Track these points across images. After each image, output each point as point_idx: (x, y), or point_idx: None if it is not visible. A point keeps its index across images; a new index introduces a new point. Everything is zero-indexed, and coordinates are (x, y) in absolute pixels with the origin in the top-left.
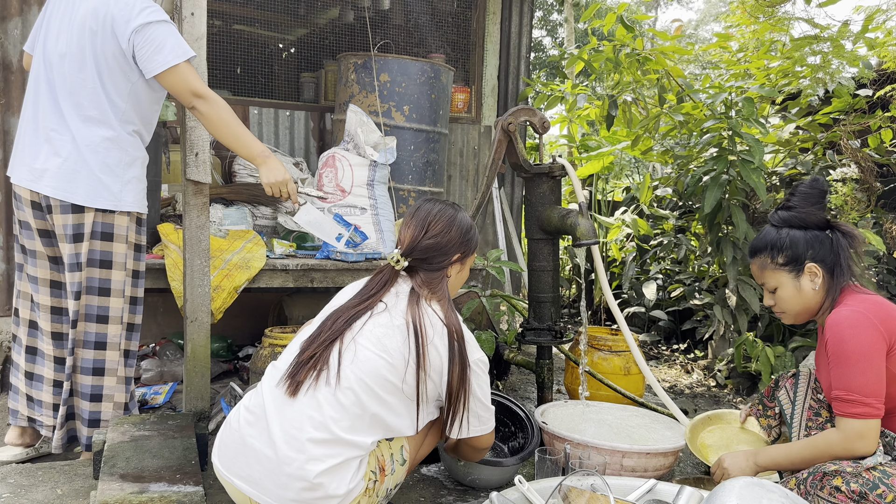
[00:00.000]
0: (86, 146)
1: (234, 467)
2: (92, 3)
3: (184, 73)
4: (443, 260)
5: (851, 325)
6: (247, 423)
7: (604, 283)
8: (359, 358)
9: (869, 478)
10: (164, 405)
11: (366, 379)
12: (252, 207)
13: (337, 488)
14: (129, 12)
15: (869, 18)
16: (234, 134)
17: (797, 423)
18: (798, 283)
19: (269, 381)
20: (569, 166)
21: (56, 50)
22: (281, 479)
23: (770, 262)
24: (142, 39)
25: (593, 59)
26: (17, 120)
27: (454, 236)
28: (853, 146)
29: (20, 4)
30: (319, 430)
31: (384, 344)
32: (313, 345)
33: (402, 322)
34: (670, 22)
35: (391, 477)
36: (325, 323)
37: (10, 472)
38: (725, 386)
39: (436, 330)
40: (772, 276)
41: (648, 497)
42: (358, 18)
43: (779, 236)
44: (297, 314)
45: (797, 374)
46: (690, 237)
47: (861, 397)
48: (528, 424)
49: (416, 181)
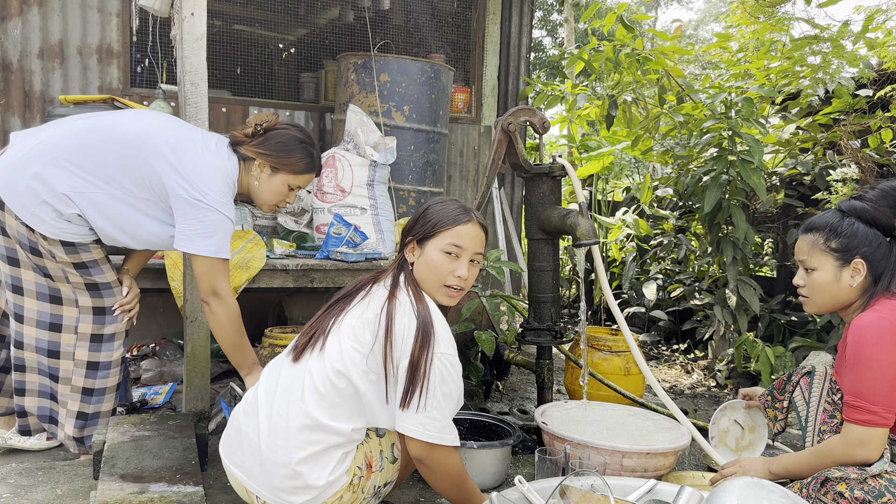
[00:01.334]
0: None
1: (233, 455)
2: (156, 139)
3: (216, 268)
4: (403, 241)
5: (875, 331)
6: (244, 413)
7: (604, 283)
8: (333, 348)
9: (874, 485)
10: (164, 405)
11: (337, 365)
12: (252, 207)
13: (317, 479)
14: (200, 185)
15: (869, 19)
16: (235, 342)
17: (812, 425)
18: (839, 273)
19: (265, 375)
20: (569, 166)
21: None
22: (267, 466)
23: (822, 242)
24: (195, 212)
25: (593, 59)
26: (17, 120)
27: (412, 218)
28: (853, 146)
29: (20, 4)
30: (301, 415)
31: (356, 332)
32: (307, 331)
33: (377, 309)
34: (670, 22)
35: (379, 474)
36: (319, 313)
37: (10, 472)
38: (725, 386)
39: (406, 311)
40: (818, 257)
41: (648, 497)
42: (358, 18)
43: (842, 222)
44: (297, 314)
45: (812, 372)
46: (690, 237)
47: (868, 405)
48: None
49: (416, 181)
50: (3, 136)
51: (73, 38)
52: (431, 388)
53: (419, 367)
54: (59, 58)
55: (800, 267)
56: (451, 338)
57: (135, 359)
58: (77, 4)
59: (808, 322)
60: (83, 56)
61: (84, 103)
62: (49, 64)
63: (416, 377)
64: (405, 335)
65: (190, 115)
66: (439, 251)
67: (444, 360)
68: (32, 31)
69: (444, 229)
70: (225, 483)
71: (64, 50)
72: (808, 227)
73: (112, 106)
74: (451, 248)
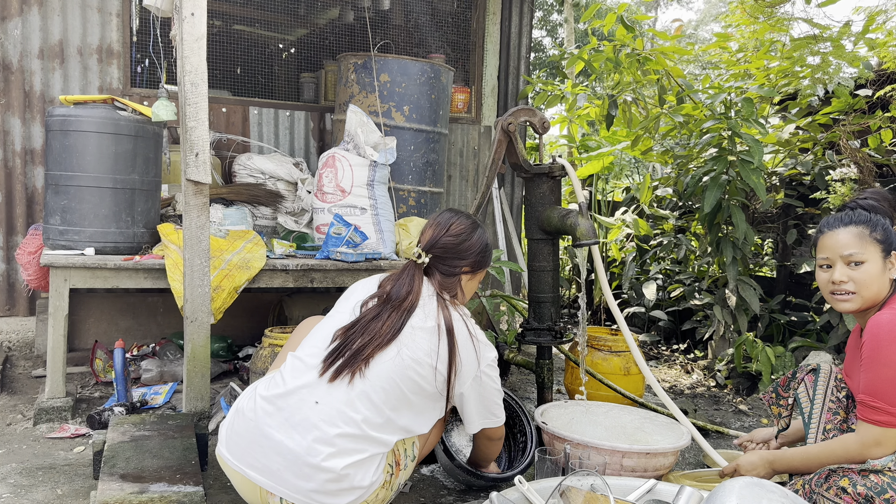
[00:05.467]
0: None
1: (248, 458)
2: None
3: None
4: (458, 263)
5: (892, 330)
6: (265, 414)
7: (604, 283)
8: (392, 359)
9: (877, 481)
10: (164, 405)
11: (397, 380)
12: (252, 207)
13: (362, 480)
14: None
15: (870, 19)
16: None
17: (815, 423)
18: (884, 264)
19: (291, 372)
20: (569, 166)
21: None
22: (304, 471)
23: (869, 233)
24: None
25: (593, 59)
26: (17, 120)
27: (473, 242)
28: (853, 146)
29: (20, 4)
30: (350, 425)
31: (417, 346)
32: (350, 336)
33: (433, 324)
34: (670, 22)
35: (404, 472)
36: (361, 317)
37: (10, 472)
38: (725, 386)
39: (463, 335)
40: (868, 248)
41: (648, 497)
42: (358, 18)
43: (874, 219)
44: (297, 314)
45: (817, 370)
46: (690, 237)
47: (887, 406)
48: (527, 425)
49: (416, 181)
50: (3, 136)
51: (73, 38)
52: (489, 397)
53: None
54: (59, 58)
55: (838, 263)
56: (485, 339)
57: (135, 359)
58: (77, 4)
59: (807, 322)
60: (83, 56)
61: (84, 103)
62: (49, 64)
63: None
64: (467, 362)
65: (190, 115)
66: (478, 281)
67: (490, 367)
68: (32, 31)
69: (489, 264)
70: (225, 483)
71: (64, 50)
72: (848, 220)
73: (112, 106)
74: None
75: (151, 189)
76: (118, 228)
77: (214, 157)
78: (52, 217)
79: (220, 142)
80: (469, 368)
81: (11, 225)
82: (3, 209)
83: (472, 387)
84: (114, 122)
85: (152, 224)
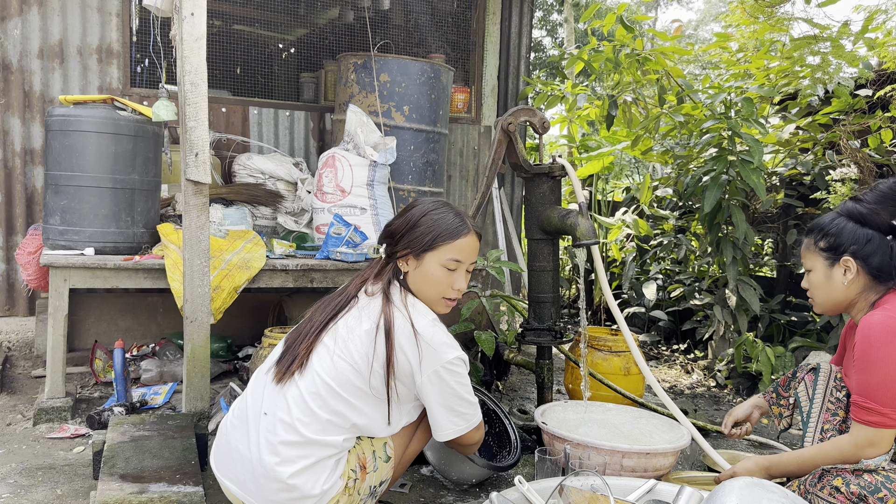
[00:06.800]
0: None
1: (225, 469)
2: None
3: None
4: (397, 250)
5: (883, 331)
6: (232, 427)
7: (604, 284)
8: (324, 360)
9: (871, 480)
10: (164, 405)
11: (331, 382)
12: (252, 207)
13: (312, 488)
14: None
15: (869, 19)
16: None
17: (813, 423)
18: (830, 272)
19: (251, 385)
20: (569, 166)
21: None
22: (260, 481)
23: (813, 244)
24: None
25: (593, 59)
26: (17, 120)
27: (408, 219)
28: (853, 146)
29: (20, 4)
30: (289, 432)
31: (349, 347)
32: (290, 339)
33: (371, 326)
34: (670, 22)
35: (374, 474)
36: (305, 321)
37: (10, 472)
38: (725, 386)
39: (404, 333)
40: (809, 257)
41: (648, 497)
42: (358, 18)
43: (830, 223)
44: (296, 314)
45: (817, 369)
46: (690, 237)
47: (879, 406)
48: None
49: (415, 181)
50: (3, 136)
51: (72, 38)
52: (454, 398)
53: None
54: (58, 58)
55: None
56: (450, 339)
57: (135, 359)
58: (77, 4)
59: (808, 322)
60: (83, 56)
61: (84, 103)
62: (49, 64)
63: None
64: (410, 361)
65: (190, 115)
66: (439, 266)
67: (453, 367)
68: (32, 31)
69: (444, 243)
70: None
71: (64, 50)
72: (806, 231)
73: (112, 106)
74: (452, 263)
75: (151, 189)
76: (118, 228)
77: (214, 157)
78: (52, 217)
79: (219, 142)
80: (410, 368)
81: (11, 225)
82: (2, 209)
83: (427, 388)
84: (113, 122)
85: (152, 224)
